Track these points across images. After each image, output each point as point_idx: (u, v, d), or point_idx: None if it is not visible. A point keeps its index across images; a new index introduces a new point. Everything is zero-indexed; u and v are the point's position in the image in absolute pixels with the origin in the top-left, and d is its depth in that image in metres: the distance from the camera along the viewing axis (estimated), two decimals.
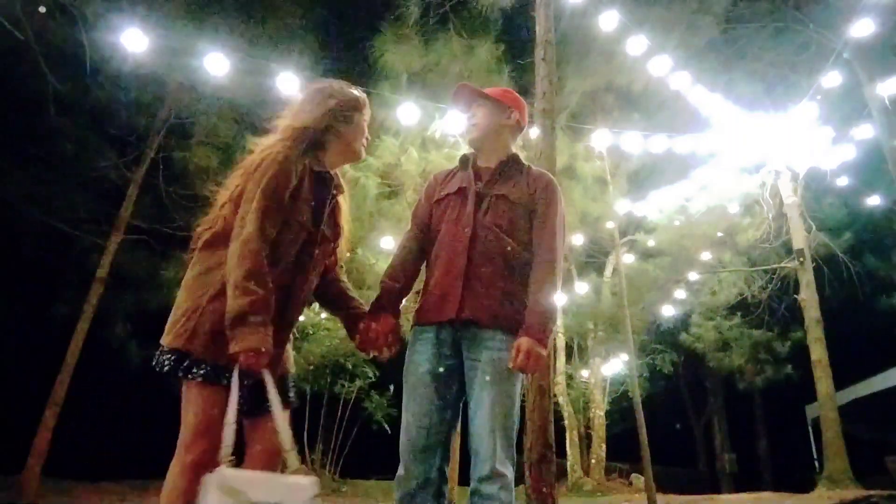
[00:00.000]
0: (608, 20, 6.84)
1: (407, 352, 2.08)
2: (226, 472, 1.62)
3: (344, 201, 2.15)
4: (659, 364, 15.08)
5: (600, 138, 8.49)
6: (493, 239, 2.03)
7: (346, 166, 2.42)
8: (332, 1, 10.84)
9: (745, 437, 21.01)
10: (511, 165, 2.18)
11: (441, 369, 1.98)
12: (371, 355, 2.12)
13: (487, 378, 1.89)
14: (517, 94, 2.33)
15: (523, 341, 1.86)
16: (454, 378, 1.99)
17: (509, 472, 1.83)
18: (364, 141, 2.14)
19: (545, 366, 1.90)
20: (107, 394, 11.59)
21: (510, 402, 1.89)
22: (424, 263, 2.20)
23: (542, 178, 2.17)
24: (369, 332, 2.05)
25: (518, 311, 1.97)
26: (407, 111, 6.97)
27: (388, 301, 2.11)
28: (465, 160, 2.25)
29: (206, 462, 1.69)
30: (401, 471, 1.93)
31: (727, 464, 19.66)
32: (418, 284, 2.24)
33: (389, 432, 13.76)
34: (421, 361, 2.00)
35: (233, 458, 1.68)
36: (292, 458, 1.76)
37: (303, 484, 1.68)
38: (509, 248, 2.03)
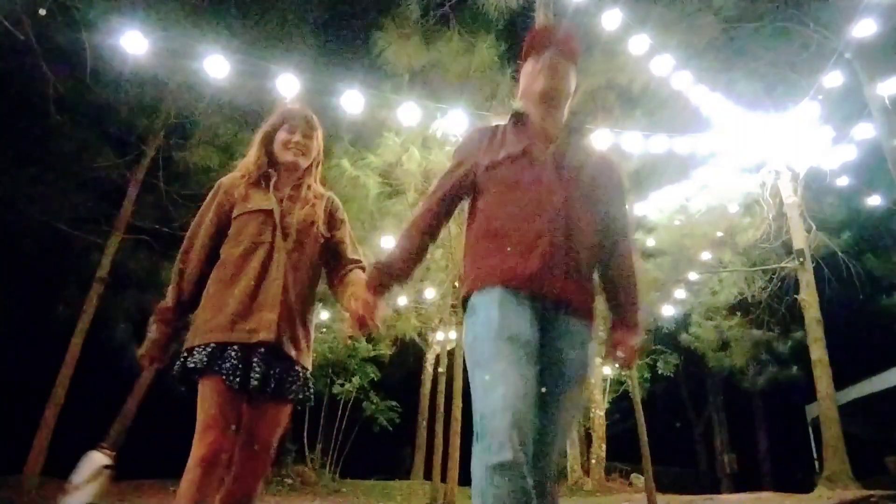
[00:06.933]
0: (609, 19, 6.84)
1: (486, 310, 1.66)
2: None
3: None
4: (661, 368, 15.08)
5: (600, 138, 8.47)
6: (583, 215, 1.77)
7: (347, 165, 2.48)
8: (332, 0, 10.84)
9: (745, 437, 20.98)
10: (578, 132, 1.92)
11: (536, 343, 1.66)
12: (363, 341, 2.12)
13: (573, 380, 1.71)
14: None
15: (631, 338, 1.78)
16: (536, 357, 1.66)
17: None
18: (291, 146, 2.18)
19: None
20: (107, 394, 11.58)
21: (580, 409, 1.87)
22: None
23: (607, 156, 1.98)
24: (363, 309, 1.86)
25: (593, 298, 1.80)
26: (408, 110, 6.95)
27: (392, 277, 1.85)
28: (520, 117, 1.91)
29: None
30: (506, 454, 1.43)
31: (727, 464, 19.65)
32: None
33: (390, 430, 13.79)
34: (522, 326, 1.63)
35: None
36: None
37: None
38: (596, 227, 1.81)
